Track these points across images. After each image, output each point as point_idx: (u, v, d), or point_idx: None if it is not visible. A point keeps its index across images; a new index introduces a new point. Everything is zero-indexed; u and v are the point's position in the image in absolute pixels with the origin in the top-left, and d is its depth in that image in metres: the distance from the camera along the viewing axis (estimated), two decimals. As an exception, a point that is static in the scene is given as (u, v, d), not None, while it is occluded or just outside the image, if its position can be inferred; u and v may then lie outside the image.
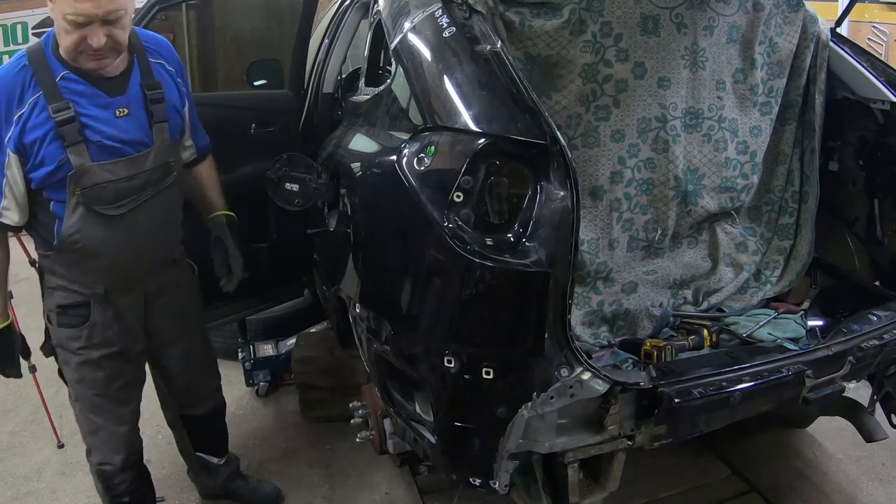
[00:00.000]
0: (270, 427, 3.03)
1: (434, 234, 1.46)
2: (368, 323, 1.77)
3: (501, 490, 1.61)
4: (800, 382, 1.71)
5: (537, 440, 1.56)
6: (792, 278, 2.34)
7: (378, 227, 1.78)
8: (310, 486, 2.61)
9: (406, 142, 1.61)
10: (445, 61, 1.64)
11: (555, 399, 1.48)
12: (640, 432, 1.62)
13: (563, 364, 1.47)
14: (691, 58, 2.12)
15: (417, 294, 1.56)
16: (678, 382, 1.60)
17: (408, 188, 1.54)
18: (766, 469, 2.57)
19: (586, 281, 2.12)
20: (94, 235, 1.81)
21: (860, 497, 2.47)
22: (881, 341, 1.82)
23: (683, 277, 2.25)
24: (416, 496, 2.51)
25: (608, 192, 2.10)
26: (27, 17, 6.05)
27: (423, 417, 1.69)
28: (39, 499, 2.59)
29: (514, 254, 1.43)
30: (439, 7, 1.72)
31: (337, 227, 2.07)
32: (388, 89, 1.92)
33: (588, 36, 1.98)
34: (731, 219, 2.35)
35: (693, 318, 2.13)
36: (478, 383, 1.48)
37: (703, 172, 2.22)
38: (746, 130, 2.27)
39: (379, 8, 2.00)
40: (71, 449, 2.86)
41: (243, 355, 3.23)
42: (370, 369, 1.90)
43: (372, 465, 2.66)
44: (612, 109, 2.06)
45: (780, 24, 2.25)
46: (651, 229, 2.19)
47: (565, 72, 1.99)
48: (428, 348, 1.54)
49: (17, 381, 3.08)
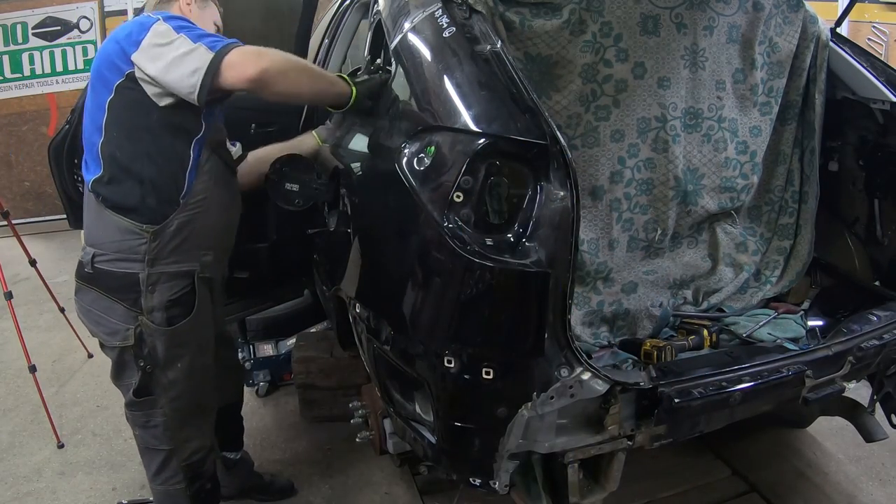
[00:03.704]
0: (270, 427, 3.03)
1: (434, 234, 1.46)
2: (368, 323, 1.77)
3: (501, 490, 1.61)
4: (800, 382, 1.71)
5: (537, 440, 1.56)
6: (792, 278, 2.34)
7: (378, 227, 1.78)
8: (310, 486, 2.61)
9: (406, 142, 1.61)
10: (445, 61, 1.64)
11: (555, 399, 1.48)
12: (640, 432, 1.62)
13: (563, 364, 1.47)
14: (691, 58, 2.12)
15: (417, 294, 1.56)
16: (678, 382, 1.60)
17: (408, 188, 1.54)
18: (766, 469, 2.57)
19: (586, 281, 2.12)
20: (217, 192, 1.83)
21: (860, 497, 2.47)
22: (881, 341, 1.82)
23: (683, 277, 2.25)
24: (416, 496, 2.51)
25: (608, 192, 2.10)
26: (27, 17, 6.06)
27: (423, 417, 1.69)
28: (39, 499, 2.59)
29: (514, 254, 1.43)
30: (439, 7, 1.71)
31: (337, 227, 2.07)
32: (389, 89, 1.92)
33: (588, 36, 1.98)
34: (730, 219, 2.35)
35: (693, 318, 2.13)
36: (478, 383, 1.48)
37: (703, 172, 2.22)
38: (746, 130, 2.27)
39: (379, 8, 2.00)
40: (71, 449, 2.86)
41: (243, 355, 3.23)
42: (370, 369, 1.90)
43: (372, 465, 2.66)
44: (611, 109, 2.06)
45: (780, 24, 2.25)
46: (651, 229, 2.19)
47: (565, 72, 1.99)
48: (428, 348, 1.54)
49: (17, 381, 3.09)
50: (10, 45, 6.09)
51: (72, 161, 2.46)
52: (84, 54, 6.19)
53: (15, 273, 3.82)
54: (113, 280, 1.77)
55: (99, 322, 1.83)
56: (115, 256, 1.76)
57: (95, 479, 2.67)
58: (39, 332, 3.90)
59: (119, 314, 1.79)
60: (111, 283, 1.78)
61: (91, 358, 3.58)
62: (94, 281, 1.79)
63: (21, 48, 6.10)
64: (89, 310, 1.84)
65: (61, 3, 6.10)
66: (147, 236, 1.75)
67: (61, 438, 2.90)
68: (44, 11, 6.10)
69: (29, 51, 6.13)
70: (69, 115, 2.42)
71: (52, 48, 6.16)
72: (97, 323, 1.84)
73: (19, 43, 6.10)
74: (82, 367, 3.55)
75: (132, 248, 1.75)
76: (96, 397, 3.24)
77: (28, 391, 3.15)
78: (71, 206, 2.54)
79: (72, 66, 6.21)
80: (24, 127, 6.25)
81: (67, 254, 5.20)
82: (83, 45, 6.20)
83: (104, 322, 1.82)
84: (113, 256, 1.76)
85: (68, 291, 4.18)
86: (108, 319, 1.80)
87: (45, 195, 6.11)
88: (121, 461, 2.73)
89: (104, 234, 1.76)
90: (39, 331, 3.93)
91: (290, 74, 1.73)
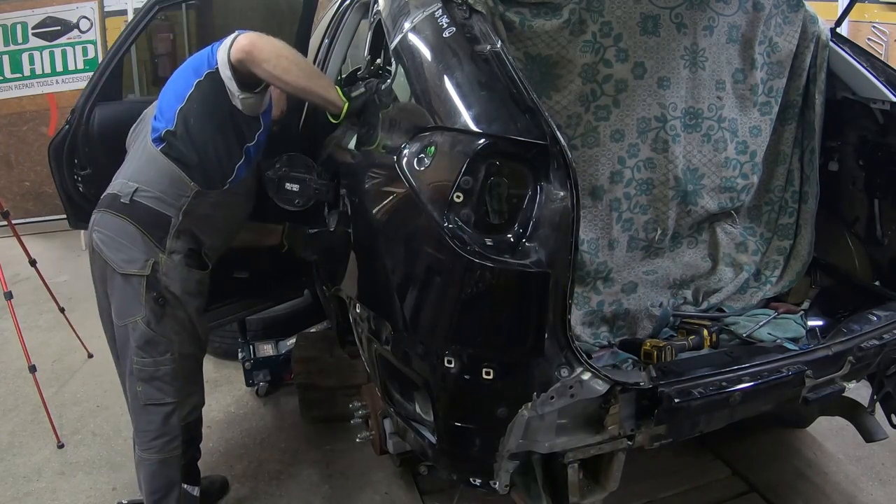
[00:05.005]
0: (270, 427, 3.03)
1: (434, 235, 1.46)
2: (368, 323, 1.77)
3: (501, 490, 1.61)
4: (800, 382, 1.71)
5: (537, 440, 1.56)
6: (792, 278, 2.34)
7: (378, 227, 1.78)
8: (310, 486, 2.61)
9: (406, 142, 1.61)
10: (445, 61, 1.64)
11: (555, 399, 1.48)
12: (640, 432, 1.62)
13: (564, 364, 1.47)
14: (691, 58, 2.12)
15: (417, 294, 1.56)
16: (678, 382, 1.60)
17: (408, 188, 1.54)
18: (766, 469, 2.57)
19: (586, 281, 2.12)
20: (247, 196, 2.16)
21: (860, 497, 2.47)
22: (881, 341, 1.82)
23: (683, 277, 2.25)
24: (416, 496, 2.51)
25: (608, 192, 2.10)
26: (27, 17, 6.05)
27: (423, 417, 1.69)
28: (39, 499, 2.59)
29: (513, 254, 1.43)
30: (439, 7, 1.72)
31: (337, 227, 2.07)
32: (389, 89, 1.92)
33: (588, 36, 1.98)
34: (730, 219, 2.35)
35: (693, 318, 2.13)
36: (478, 383, 1.48)
37: (703, 172, 2.22)
38: (746, 130, 2.27)
39: (379, 8, 2.00)
40: (71, 449, 2.86)
41: (243, 355, 3.23)
42: (370, 369, 1.90)
43: (372, 465, 2.66)
44: (611, 109, 2.06)
45: (780, 24, 2.25)
46: (651, 229, 2.19)
47: (565, 72, 1.99)
48: (428, 348, 1.54)
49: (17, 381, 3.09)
50: (10, 45, 6.07)
51: (72, 161, 2.47)
52: (84, 54, 6.18)
53: (15, 273, 3.82)
54: (148, 214, 1.96)
55: (120, 249, 1.96)
56: (158, 195, 1.97)
57: (95, 479, 2.67)
58: (39, 332, 3.89)
59: (142, 245, 1.96)
60: (145, 217, 1.96)
61: (91, 358, 3.58)
62: (128, 211, 1.96)
63: (21, 48, 6.08)
64: (112, 237, 1.98)
65: (61, 3, 6.09)
66: (192, 193, 1.98)
67: (61, 438, 2.89)
68: (44, 11, 6.08)
69: (29, 51, 6.11)
70: (69, 115, 2.42)
71: (52, 48, 6.14)
72: (118, 250, 1.97)
73: (19, 43, 6.08)
74: (82, 367, 3.55)
75: (175, 195, 1.98)
76: (96, 397, 3.24)
77: (28, 391, 3.15)
78: (71, 205, 2.54)
79: (72, 66, 6.19)
80: (24, 127, 6.24)
81: (67, 254, 5.20)
82: (83, 45, 6.18)
83: (125, 250, 1.96)
84: (156, 195, 1.97)
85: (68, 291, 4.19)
86: (130, 248, 1.96)
87: (45, 195, 6.10)
88: (121, 461, 2.72)
89: (154, 176, 1.97)
90: (39, 331, 3.93)
91: (282, 61, 1.87)
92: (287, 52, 1.89)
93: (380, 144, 1.80)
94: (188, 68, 2.01)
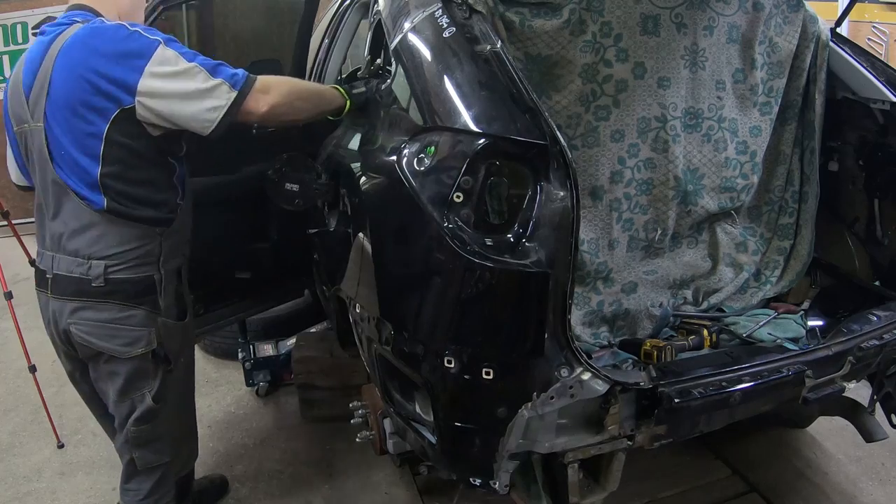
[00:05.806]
0: (270, 427, 3.03)
1: (434, 235, 1.46)
2: (369, 323, 1.77)
3: (501, 490, 1.61)
4: (800, 382, 1.70)
5: (537, 440, 1.56)
6: (792, 278, 2.34)
7: (378, 227, 1.78)
8: (310, 486, 2.61)
9: (406, 142, 1.61)
10: (445, 61, 1.64)
11: (555, 399, 1.48)
12: (640, 432, 1.62)
13: (564, 364, 1.47)
14: (691, 58, 2.12)
15: (417, 294, 1.56)
16: (678, 382, 1.60)
17: (408, 188, 1.54)
18: (766, 469, 2.57)
19: (586, 281, 2.12)
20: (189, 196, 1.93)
21: (860, 497, 2.47)
22: (881, 341, 1.82)
23: (683, 277, 2.25)
24: (416, 496, 2.51)
25: (608, 192, 2.10)
26: (27, 17, 6.05)
27: (423, 417, 1.69)
28: (39, 499, 2.59)
29: (513, 254, 1.43)
30: (439, 7, 1.71)
31: (337, 227, 2.07)
32: (389, 89, 1.92)
33: (588, 36, 1.98)
34: (730, 219, 2.35)
35: (693, 318, 2.13)
36: (478, 383, 1.48)
37: (703, 172, 2.22)
38: (746, 130, 2.27)
39: (379, 8, 2.00)
40: (71, 449, 2.87)
41: (243, 355, 3.23)
42: (370, 369, 1.90)
43: (372, 465, 2.66)
44: (611, 109, 2.06)
45: (780, 24, 2.25)
46: (651, 229, 2.19)
47: (565, 72, 1.99)
48: (428, 348, 1.54)
49: (17, 381, 3.09)
50: (10, 45, 6.08)
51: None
52: (84, 54, 6.19)
53: (15, 273, 3.81)
54: (132, 286, 1.76)
55: (115, 335, 1.76)
56: (134, 263, 1.75)
57: (95, 479, 2.68)
58: (39, 332, 3.85)
59: (138, 320, 1.77)
60: (131, 290, 1.76)
61: (91, 358, 3.58)
62: (109, 294, 1.74)
63: (21, 48, 6.08)
64: (101, 325, 1.75)
65: (61, 3, 6.09)
66: (159, 238, 1.79)
67: (61, 438, 2.90)
68: (44, 11, 6.08)
69: (29, 51, 6.12)
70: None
71: (52, 48, 6.15)
72: (113, 336, 1.76)
73: (19, 43, 6.08)
74: (82, 367, 3.55)
75: (149, 252, 1.77)
76: (96, 397, 3.24)
77: (28, 391, 3.15)
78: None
79: (72, 66, 6.21)
80: (24, 127, 6.25)
81: (67, 254, 5.19)
82: (83, 45, 6.20)
83: (122, 333, 1.76)
84: (131, 263, 1.75)
85: (68, 291, 4.10)
86: (128, 329, 1.76)
87: (45, 195, 6.10)
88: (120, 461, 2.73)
89: (118, 245, 1.73)
90: (39, 331, 3.89)
91: (295, 104, 1.81)
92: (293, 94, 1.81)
93: (380, 144, 1.80)
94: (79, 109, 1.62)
